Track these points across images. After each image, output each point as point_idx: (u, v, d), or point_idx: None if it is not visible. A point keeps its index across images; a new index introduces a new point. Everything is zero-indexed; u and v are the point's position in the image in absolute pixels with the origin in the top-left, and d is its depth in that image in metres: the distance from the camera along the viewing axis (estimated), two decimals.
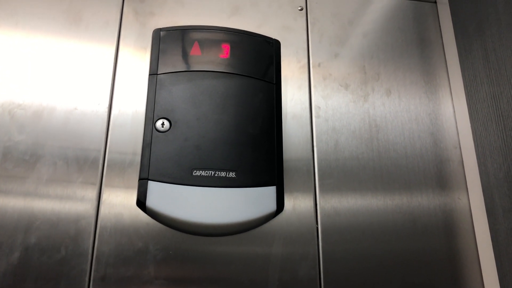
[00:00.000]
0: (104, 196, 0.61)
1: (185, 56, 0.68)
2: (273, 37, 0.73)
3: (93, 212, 0.60)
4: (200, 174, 0.61)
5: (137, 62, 0.69)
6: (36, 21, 0.69)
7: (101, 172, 0.63)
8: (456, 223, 0.69)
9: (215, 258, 0.61)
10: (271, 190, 0.63)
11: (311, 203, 0.66)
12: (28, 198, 0.60)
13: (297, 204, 0.66)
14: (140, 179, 0.61)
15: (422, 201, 0.70)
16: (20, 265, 0.57)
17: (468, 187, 0.71)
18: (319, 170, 0.68)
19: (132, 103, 0.67)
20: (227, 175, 0.62)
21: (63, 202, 0.60)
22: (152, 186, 0.60)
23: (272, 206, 0.62)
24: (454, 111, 0.76)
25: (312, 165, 0.68)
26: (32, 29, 0.69)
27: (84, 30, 0.70)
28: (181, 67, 0.67)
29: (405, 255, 0.66)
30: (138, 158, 0.64)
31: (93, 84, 0.67)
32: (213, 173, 0.62)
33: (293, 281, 0.62)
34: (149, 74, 0.67)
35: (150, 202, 0.60)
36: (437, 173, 0.72)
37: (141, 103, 0.67)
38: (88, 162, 0.63)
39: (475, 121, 0.69)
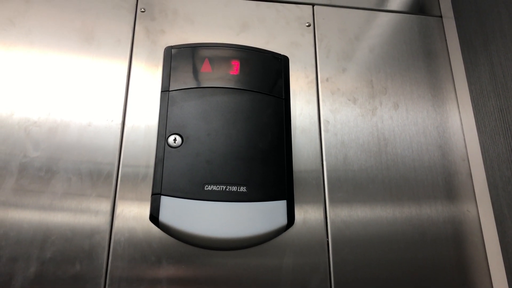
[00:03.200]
0: (118, 210, 0.63)
1: (196, 73, 0.69)
2: (282, 53, 0.74)
3: (107, 226, 0.61)
4: (212, 188, 0.62)
5: (149, 78, 0.71)
6: (51, 40, 0.71)
7: (114, 186, 0.64)
8: (465, 235, 0.70)
9: (227, 272, 0.62)
10: (282, 204, 0.64)
11: (321, 216, 0.67)
12: (44, 213, 0.61)
13: (307, 217, 0.66)
14: (153, 194, 0.62)
15: (431, 213, 0.70)
16: (36, 280, 0.58)
17: (477, 199, 0.71)
18: (328, 183, 0.69)
19: (145, 118, 0.68)
20: (238, 190, 0.63)
21: (77, 217, 0.62)
22: (165, 201, 0.61)
23: (283, 220, 0.63)
24: (462, 124, 0.76)
25: (321, 178, 0.69)
26: (47, 48, 0.70)
27: (96, 48, 0.72)
28: (192, 83, 0.68)
29: (415, 267, 0.67)
30: (151, 172, 0.65)
31: (106, 101, 0.68)
32: (224, 187, 0.63)
33: None
34: (161, 91, 0.68)
35: (163, 217, 0.60)
36: (446, 185, 0.72)
37: (153, 119, 0.69)
38: (102, 177, 0.64)
39: (483, 134, 0.70)
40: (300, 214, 0.66)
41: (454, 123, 0.77)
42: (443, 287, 0.66)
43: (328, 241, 0.66)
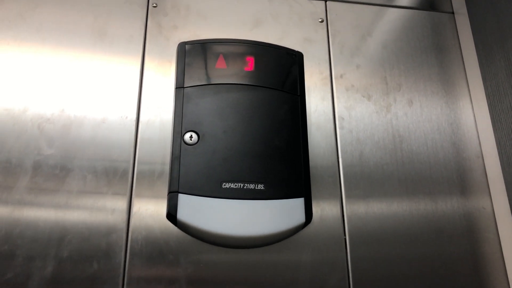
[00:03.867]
0: (134, 208, 0.62)
1: (210, 69, 0.68)
2: (295, 49, 0.73)
3: (124, 225, 0.61)
4: (230, 186, 0.62)
5: (162, 75, 0.70)
6: (62, 36, 0.70)
7: (130, 184, 0.63)
8: (481, 232, 0.70)
9: (245, 271, 0.61)
10: (299, 202, 0.63)
11: (338, 213, 0.67)
12: (60, 211, 0.60)
13: (324, 214, 0.66)
14: (170, 192, 0.61)
15: (447, 210, 0.70)
16: (53, 279, 0.57)
17: (492, 196, 0.72)
18: (345, 180, 0.68)
19: (159, 115, 0.68)
20: (256, 187, 0.62)
21: (94, 215, 0.61)
22: (183, 199, 0.61)
23: (301, 218, 0.63)
24: (475, 121, 0.76)
25: (338, 176, 0.69)
26: (59, 43, 0.69)
27: (109, 45, 0.71)
28: (207, 80, 0.68)
29: (432, 263, 0.67)
30: (166, 169, 0.64)
31: (120, 97, 0.68)
32: (242, 185, 0.62)
33: None
34: (176, 87, 0.67)
35: (181, 215, 0.60)
36: (461, 182, 0.72)
37: (167, 115, 0.68)
38: (117, 174, 0.63)
39: (499, 131, 0.70)
40: (317, 211, 0.66)
41: (467, 120, 0.77)
42: (459, 283, 0.67)
43: (345, 239, 0.65)
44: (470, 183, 0.72)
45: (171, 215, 0.60)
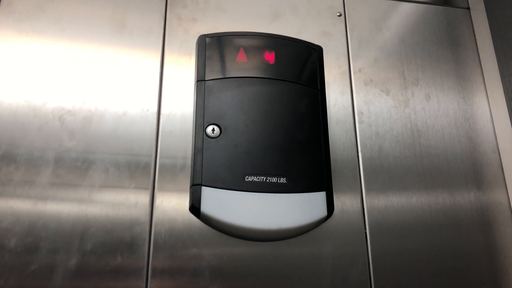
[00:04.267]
0: (157, 201, 0.62)
1: (231, 62, 0.68)
2: (314, 43, 0.73)
3: (147, 218, 0.61)
4: (252, 179, 0.62)
5: (182, 68, 0.70)
6: (81, 27, 0.69)
7: (153, 177, 0.63)
8: (498, 227, 0.71)
9: (267, 264, 0.62)
10: (321, 195, 0.64)
11: (359, 207, 0.67)
12: (82, 204, 0.60)
13: (345, 208, 0.66)
14: (193, 185, 0.61)
15: (465, 204, 0.71)
16: (78, 272, 0.57)
17: (508, 191, 0.72)
18: (365, 175, 0.69)
19: (180, 108, 0.68)
20: (278, 181, 0.62)
21: (116, 208, 0.61)
22: (206, 191, 0.61)
23: (323, 211, 0.63)
24: (492, 116, 0.77)
25: (357, 170, 0.69)
26: (78, 35, 0.69)
27: (128, 37, 0.70)
28: (228, 73, 0.67)
29: (451, 256, 0.68)
30: (188, 162, 0.64)
31: (140, 89, 0.67)
32: (264, 178, 0.62)
33: (344, 283, 0.63)
34: (197, 81, 0.67)
35: (204, 208, 0.60)
36: (478, 177, 0.73)
37: (188, 108, 0.68)
38: (139, 168, 0.63)
39: None
40: (337, 205, 0.66)
41: (483, 115, 0.77)
42: (476, 277, 0.67)
43: (366, 233, 0.66)
44: (487, 178, 0.73)
45: (195, 207, 0.60)
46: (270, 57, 0.69)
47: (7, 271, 0.55)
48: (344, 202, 0.67)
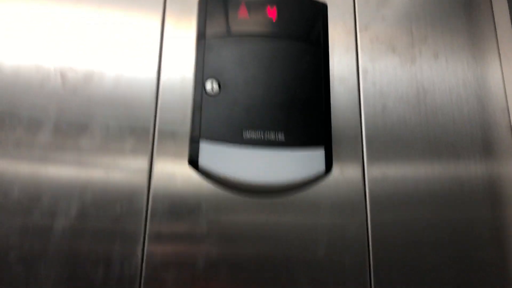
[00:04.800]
0: (156, 164, 0.62)
1: (233, 19, 0.67)
2: (318, 0, 0.72)
3: (146, 172, 0.62)
4: (251, 135, 0.62)
5: (183, 26, 0.69)
6: None
7: (152, 141, 0.63)
8: (504, 191, 0.69)
9: (266, 221, 0.62)
10: (319, 151, 0.63)
11: (359, 167, 0.66)
12: (83, 157, 0.61)
13: (345, 169, 0.66)
14: (191, 138, 0.62)
15: (470, 167, 0.69)
16: (78, 222, 0.59)
17: None
18: (366, 135, 0.68)
19: (180, 68, 0.67)
20: (277, 136, 0.62)
21: (116, 161, 0.62)
22: (204, 145, 0.61)
23: (321, 167, 0.63)
24: (503, 76, 0.74)
25: (359, 129, 0.68)
26: None
27: None
28: (229, 30, 0.67)
29: (453, 221, 0.66)
30: (188, 122, 0.64)
31: (140, 50, 0.67)
32: (262, 133, 0.62)
33: (341, 242, 0.63)
34: (197, 38, 0.67)
35: (202, 161, 0.61)
36: (485, 138, 0.71)
37: (189, 68, 0.67)
38: (139, 125, 0.63)
39: None
40: (337, 165, 0.65)
41: (494, 74, 0.74)
42: (481, 249, 0.66)
43: (365, 193, 0.65)
44: (494, 139, 0.71)
45: (193, 160, 0.61)
46: (272, 14, 0.68)
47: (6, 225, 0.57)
48: (344, 162, 0.66)
